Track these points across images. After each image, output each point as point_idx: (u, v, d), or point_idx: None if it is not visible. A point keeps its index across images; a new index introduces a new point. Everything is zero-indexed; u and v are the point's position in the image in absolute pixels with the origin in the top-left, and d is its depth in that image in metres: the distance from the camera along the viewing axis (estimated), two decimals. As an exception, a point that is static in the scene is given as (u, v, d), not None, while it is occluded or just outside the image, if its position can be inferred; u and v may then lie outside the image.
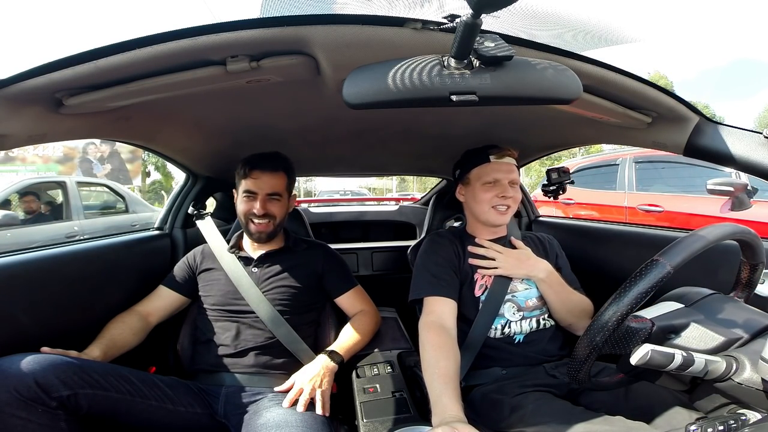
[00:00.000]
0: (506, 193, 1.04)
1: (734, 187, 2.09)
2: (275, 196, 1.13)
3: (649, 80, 0.78)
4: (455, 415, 0.72)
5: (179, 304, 1.17)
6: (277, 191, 1.13)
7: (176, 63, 0.65)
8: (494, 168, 1.05)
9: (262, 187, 1.11)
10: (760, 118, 26.70)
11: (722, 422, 0.54)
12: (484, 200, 1.05)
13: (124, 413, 0.83)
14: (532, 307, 1.05)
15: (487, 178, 1.05)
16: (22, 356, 0.74)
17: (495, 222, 1.07)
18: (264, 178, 1.11)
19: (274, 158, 1.15)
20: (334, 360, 1.03)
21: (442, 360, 0.85)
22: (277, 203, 1.14)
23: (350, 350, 1.09)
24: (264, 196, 1.11)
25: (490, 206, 1.05)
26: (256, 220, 1.12)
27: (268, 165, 1.13)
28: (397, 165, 1.97)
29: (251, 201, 1.12)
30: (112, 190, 4.79)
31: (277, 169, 1.13)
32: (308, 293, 1.16)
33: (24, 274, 0.89)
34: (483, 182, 1.06)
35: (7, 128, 0.67)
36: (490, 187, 1.05)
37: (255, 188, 1.11)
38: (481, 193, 1.06)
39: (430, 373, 0.83)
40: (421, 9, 0.61)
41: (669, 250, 0.59)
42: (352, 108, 0.53)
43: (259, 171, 1.11)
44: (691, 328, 0.63)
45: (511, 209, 1.07)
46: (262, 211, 1.11)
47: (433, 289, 1.01)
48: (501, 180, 1.04)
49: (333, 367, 1.01)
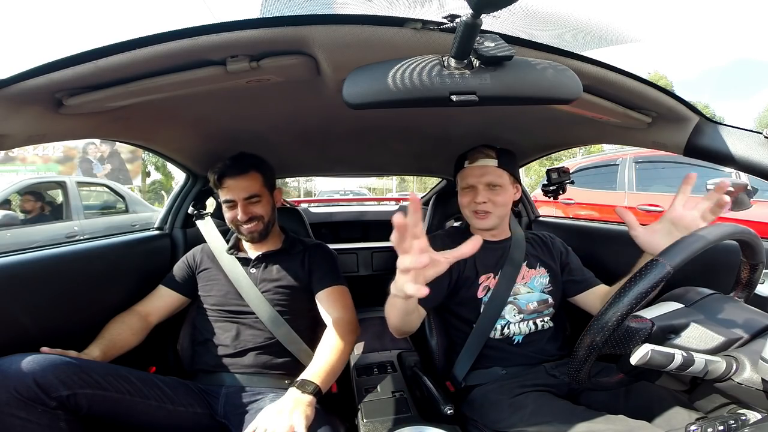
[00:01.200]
0: (477, 198, 1.03)
1: (734, 187, 2.09)
2: (254, 198, 1.11)
3: (649, 80, 0.78)
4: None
5: (179, 304, 1.17)
6: (253, 193, 1.11)
7: (176, 63, 0.65)
8: (467, 173, 1.06)
9: (238, 194, 1.10)
10: (760, 118, 26.70)
11: (722, 422, 0.54)
12: (463, 205, 1.08)
13: (123, 413, 0.83)
14: (532, 310, 1.05)
15: (463, 183, 1.07)
16: (22, 356, 0.74)
17: (476, 226, 1.07)
18: (236, 185, 1.10)
19: (239, 161, 1.12)
20: (306, 391, 0.84)
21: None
22: (259, 204, 1.13)
23: (327, 375, 0.91)
24: (242, 202, 1.10)
25: (470, 211, 1.06)
26: (243, 225, 1.12)
27: (236, 170, 1.10)
28: (397, 165, 1.97)
29: (233, 209, 1.11)
30: (112, 190, 4.78)
31: (245, 171, 1.11)
32: (305, 293, 1.16)
33: (24, 274, 0.89)
34: (461, 187, 1.08)
35: (7, 128, 0.67)
36: (467, 192, 1.06)
37: (231, 196, 1.10)
38: (461, 198, 1.08)
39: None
40: (421, 9, 0.61)
41: (669, 250, 0.59)
42: (352, 108, 0.53)
43: (229, 178, 1.10)
44: (691, 328, 0.63)
45: (492, 214, 1.03)
46: (245, 217, 1.10)
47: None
48: (474, 185, 1.04)
49: (307, 399, 0.82)
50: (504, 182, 1.04)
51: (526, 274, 1.08)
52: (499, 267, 1.06)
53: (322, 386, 0.87)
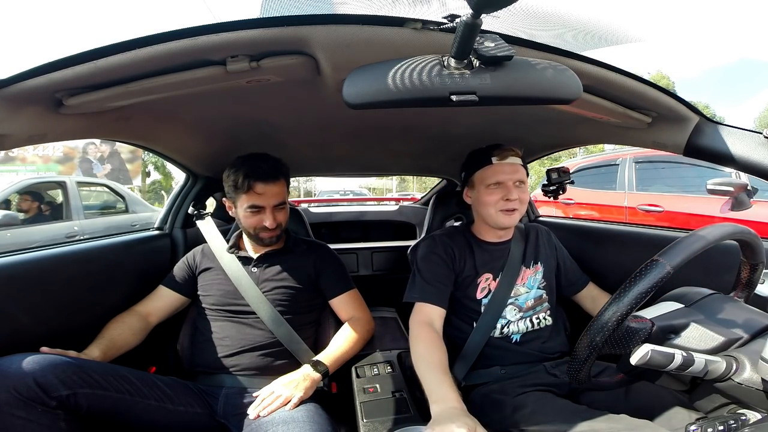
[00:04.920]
0: (510, 195, 1.00)
1: (734, 187, 2.09)
2: (281, 205, 1.11)
3: (650, 80, 0.78)
4: (456, 405, 0.72)
5: (179, 305, 1.17)
6: (282, 200, 1.11)
7: (176, 63, 0.65)
8: (497, 170, 1.02)
9: (269, 201, 1.07)
10: (760, 118, 26.69)
11: (722, 422, 0.54)
12: (489, 203, 1.03)
13: (123, 413, 0.83)
14: (529, 307, 1.05)
15: (490, 180, 1.02)
16: (22, 356, 0.74)
17: (503, 224, 1.04)
18: (268, 191, 1.07)
19: (273, 167, 1.09)
20: (317, 370, 0.99)
21: (436, 352, 0.86)
22: (283, 211, 1.13)
23: (338, 360, 1.05)
24: (272, 209, 1.08)
25: (497, 209, 1.02)
26: (266, 232, 1.10)
27: (270, 175, 1.07)
28: (397, 165, 1.97)
29: (259, 214, 1.08)
30: (112, 190, 4.78)
31: (278, 178, 1.09)
32: (308, 293, 1.16)
33: (24, 274, 0.89)
34: (487, 185, 1.03)
35: (7, 128, 0.67)
36: (495, 189, 1.02)
37: (262, 203, 1.07)
38: (486, 196, 1.03)
39: (425, 365, 0.83)
40: (421, 9, 0.61)
41: (669, 251, 0.59)
42: (352, 108, 0.53)
43: (263, 184, 1.06)
44: (691, 328, 0.63)
45: (519, 211, 1.04)
46: (275, 224, 1.08)
47: (423, 295, 1.01)
48: (505, 182, 1.01)
49: (315, 377, 0.97)
50: (526, 181, 1.06)
51: (525, 274, 1.08)
52: (499, 269, 1.06)
53: (330, 369, 1.02)
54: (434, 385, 0.78)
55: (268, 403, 0.89)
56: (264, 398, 0.90)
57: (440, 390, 0.76)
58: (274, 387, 0.94)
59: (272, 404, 0.88)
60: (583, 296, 1.15)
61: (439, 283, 1.02)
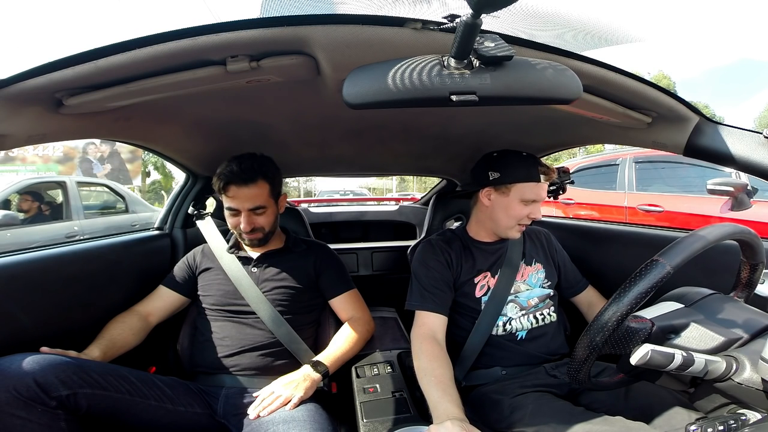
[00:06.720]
0: (537, 215, 1.01)
1: (734, 187, 2.09)
2: (259, 209, 1.07)
3: (650, 80, 0.78)
4: (458, 417, 0.73)
5: (179, 305, 1.17)
6: (259, 204, 1.06)
7: (176, 63, 0.65)
8: (541, 188, 1.01)
9: (243, 204, 1.05)
10: (760, 118, 26.70)
11: (722, 422, 0.54)
12: (515, 216, 1.01)
13: (123, 413, 0.83)
14: (533, 305, 1.05)
15: (529, 197, 1.00)
16: (22, 356, 0.74)
17: (512, 237, 1.06)
18: (242, 194, 1.04)
19: (249, 168, 1.04)
20: (317, 370, 0.99)
21: (438, 368, 0.86)
22: (263, 215, 1.09)
23: (338, 360, 1.05)
24: (247, 212, 1.06)
25: (516, 223, 1.02)
26: (245, 234, 1.10)
27: (244, 178, 1.03)
28: (397, 165, 1.97)
29: (236, 216, 1.08)
30: (112, 190, 4.79)
31: (254, 180, 1.04)
32: (308, 293, 1.16)
33: (24, 274, 0.89)
34: (523, 199, 1.00)
35: (7, 128, 0.67)
36: (527, 205, 1.01)
37: (235, 206, 1.05)
38: (517, 209, 1.01)
39: (427, 380, 0.84)
40: (421, 9, 0.61)
41: (669, 251, 0.59)
42: (352, 108, 0.53)
43: (235, 187, 1.03)
44: (691, 328, 0.63)
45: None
46: (249, 228, 1.07)
47: (424, 304, 1.01)
48: (537, 201, 1.01)
49: (315, 377, 0.97)
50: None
51: (525, 271, 1.08)
52: (497, 266, 1.06)
53: (330, 369, 1.02)
54: (436, 400, 0.79)
55: (268, 403, 0.89)
56: (264, 398, 0.90)
57: (442, 405, 0.77)
58: (274, 387, 0.94)
59: (272, 404, 0.88)
60: (581, 300, 1.16)
61: (438, 289, 1.02)
